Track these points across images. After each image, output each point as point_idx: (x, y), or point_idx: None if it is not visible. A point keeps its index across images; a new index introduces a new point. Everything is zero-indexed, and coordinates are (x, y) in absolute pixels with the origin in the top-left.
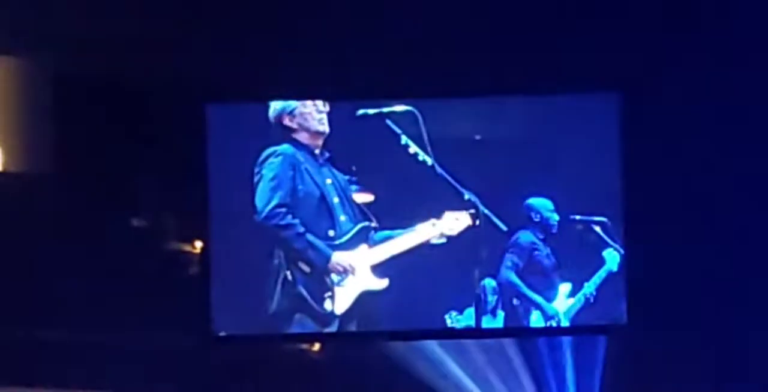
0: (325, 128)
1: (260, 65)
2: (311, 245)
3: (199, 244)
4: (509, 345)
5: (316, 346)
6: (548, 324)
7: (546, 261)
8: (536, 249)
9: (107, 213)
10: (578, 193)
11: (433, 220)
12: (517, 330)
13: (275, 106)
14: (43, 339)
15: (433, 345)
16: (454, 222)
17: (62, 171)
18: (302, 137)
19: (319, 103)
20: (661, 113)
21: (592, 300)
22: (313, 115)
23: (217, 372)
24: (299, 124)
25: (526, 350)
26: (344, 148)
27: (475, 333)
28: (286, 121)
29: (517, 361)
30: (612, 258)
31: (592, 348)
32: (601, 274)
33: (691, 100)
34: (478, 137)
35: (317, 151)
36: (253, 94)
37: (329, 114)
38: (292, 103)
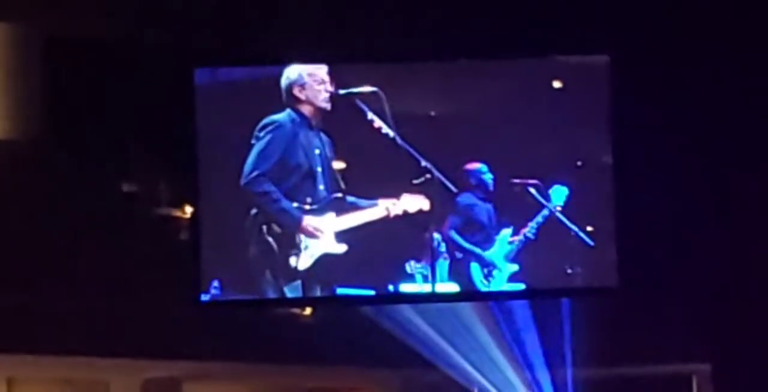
0: (327, 106)
1: (249, 29)
2: (283, 210)
3: (188, 209)
4: (484, 306)
5: (301, 310)
6: (484, 271)
7: (483, 218)
8: (473, 208)
9: (97, 177)
10: (535, 157)
11: (393, 200)
12: (504, 293)
13: (288, 76)
14: (31, 304)
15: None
16: (411, 203)
17: (51, 136)
18: (305, 109)
19: (328, 83)
20: (650, 76)
21: (533, 237)
22: (321, 92)
23: (204, 335)
24: (307, 97)
25: (504, 312)
26: (322, 125)
27: (448, 297)
28: (296, 91)
29: (496, 322)
30: (559, 194)
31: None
32: (538, 219)
33: (681, 63)
34: (432, 113)
35: (314, 122)
36: (241, 59)
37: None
38: (305, 77)
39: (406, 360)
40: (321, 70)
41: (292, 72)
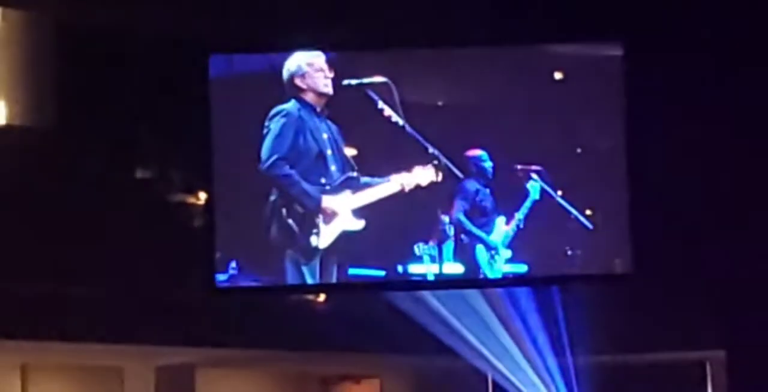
0: (329, 90)
1: (264, 17)
2: (304, 192)
3: (202, 195)
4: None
5: (314, 296)
6: (491, 253)
7: (486, 203)
8: (478, 193)
9: (110, 164)
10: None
11: (404, 173)
12: (514, 279)
13: (288, 68)
14: (46, 292)
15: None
16: (423, 175)
17: (66, 123)
18: (309, 97)
19: (327, 70)
20: (664, 62)
21: (521, 226)
22: (321, 79)
23: (219, 321)
24: (308, 85)
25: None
26: (333, 112)
27: (458, 283)
28: (297, 81)
29: (507, 308)
30: (534, 189)
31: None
32: (527, 205)
33: (694, 48)
34: (440, 102)
35: (319, 109)
36: (253, 46)
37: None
38: (304, 67)
39: (422, 346)
40: (319, 59)
41: (291, 64)
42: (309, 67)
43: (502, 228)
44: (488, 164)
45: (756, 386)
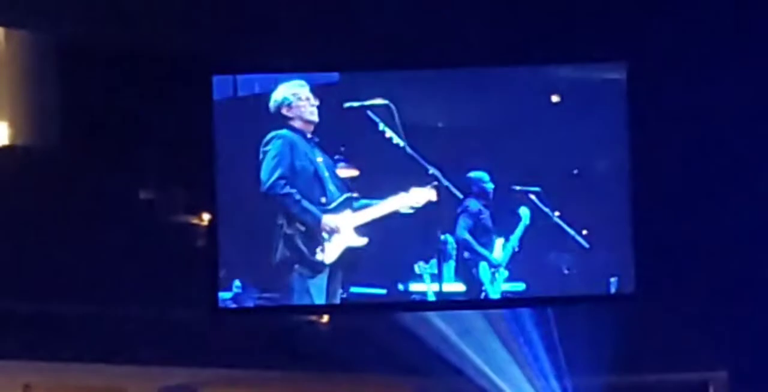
0: (315, 118)
1: (267, 37)
2: (305, 210)
3: (206, 216)
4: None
5: (317, 318)
6: (492, 272)
7: (488, 223)
8: (481, 213)
9: (113, 184)
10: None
11: (403, 193)
12: (515, 300)
13: (275, 98)
14: (48, 311)
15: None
16: (421, 195)
17: (68, 143)
18: (297, 124)
19: (312, 98)
20: (668, 82)
21: (517, 249)
22: (306, 107)
23: (221, 344)
24: (295, 114)
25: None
26: (334, 132)
27: (460, 305)
28: (284, 111)
29: (509, 329)
30: (525, 215)
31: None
32: (520, 229)
33: (699, 68)
34: (440, 124)
35: (309, 135)
36: (259, 66)
37: (320, 106)
38: (289, 98)
39: (423, 367)
40: (303, 89)
41: (277, 95)
42: (294, 97)
43: (500, 249)
44: (489, 186)
45: None
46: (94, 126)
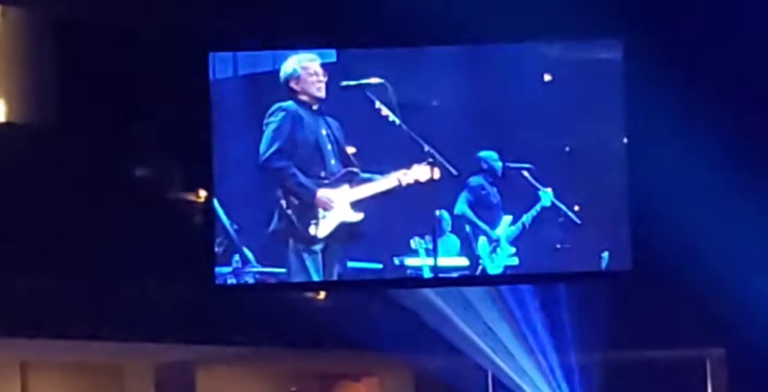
0: (322, 94)
1: (265, 16)
2: (299, 184)
3: (203, 193)
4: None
5: (315, 294)
6: (492, 246)
7: (492, 199)
8: (484, 189)
9: (109, 161)
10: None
11: (404, 170)
12: (510, 277)
13: (285, 70)
14: (45, 288)
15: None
16: (420, 172)
17: (65, 120)
18: (303, 98)
19: (321, 74)
20: (664, 60)
21: (527, 227)
22: (315, 83)
23: (218, 319)
24: (302, 88)
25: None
26: (332, 110)
27: (455, 281)
28: (292, 84)
29: (507, 305)
30: (546, 196)
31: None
32: (536, 208)
33: (694, 47)
34: (435, 103)
35: (315, 107)
36: (258, 44)
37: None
38: (298, 70)
39: (422, 343)
40: (314, 63)
41: (287, 66)
42: (303, 70)
43: (507, 226)
44: (498, 164)
45: (755, 383)
46: (91, 103)
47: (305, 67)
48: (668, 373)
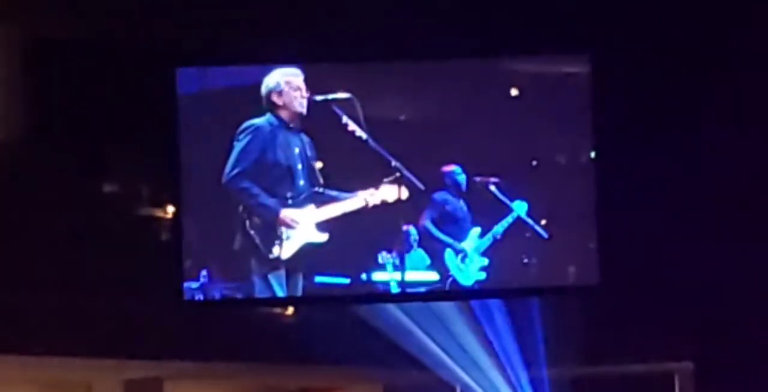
0: (303, 110)
1: (233, 29)
2: (261, 204)
3: (170, 208)
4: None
5: (283, 310)
6: (458, 257)
7: (459, 213)
8: (447, 203)
9: (78, 178)
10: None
11: (371, 190)
12: (483, 291)
13: (267, 84)
14: (12, 304)
15: (392, 307)
16: (387, 193)
17: (32, 137)
18: (283, 114)
19: (303, 90)
20: (632, 74)
21: (499, 237)
22: (297, 98)
23: (187, 336)
24: (284, 103)
25: (484, 309)
26: (301, 127)
27: (425, 296)
28: (274, 98)
29: (476, 320)
30: (520, 207)
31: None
32: (508, 220)
33: (662, 61)
34: (402, 117)
35: (292, 125)
36: (224, 58)
37: None
38: (282, 84)
39: (390, 358)
40: (298, 78)
41: (270, 80)
42: (287, 85)
43: (476, 238)
44: (461, 177)
45: None
46: (59, 119)
47: (288, 81)
48: (637, 387)
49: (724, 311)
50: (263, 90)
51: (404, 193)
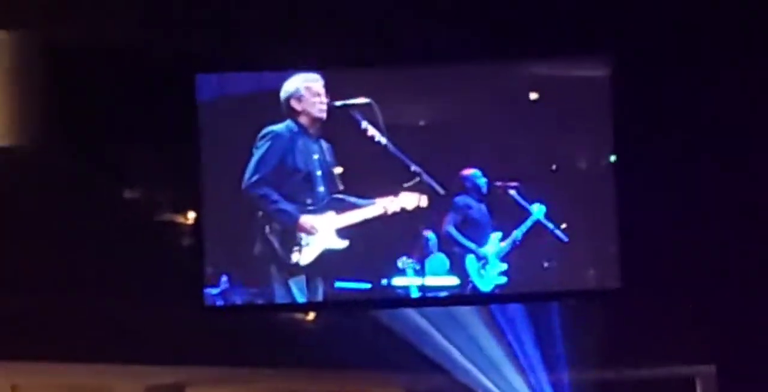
0: (323, 116)
1: (252, 35)
2: (281, 211)
3: (191, 214)
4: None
5: (304, 315)
6: (480, 263)
7: (480, 217)
8: (470, 207)
9: (99, 184)
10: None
11: (391, 197)
12: (514, 295)
13: (286, 89)
14: (34, 310)
15: (412, 312)
16: (407, 200)
17: (53, 143)
18: (303, 119)
19: (323, 95)
20: (652, 76)
21: (518, 243)
22: (317, 104)
23: (208, 342)
24: (303, 108)
25: (504, 312)
26: (321, 133)
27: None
28: (293, 103)
29: (497, 323)
30: (539, 210)
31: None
32: (527, 224)
33: (683, 63)
34: (421, 122)
35: (311, 131)
36: (244, 64)
37: None
38: (301, 90)
39: (411, 363)
40: (317, 84)
41: (290, 85)
42: (306, 90)
43: (497, 243)
44: (482, 181)
45: None
46: (78, 125)
47: (308, 87)
48: (658, 391)
49: (747, 314)
50: (282, 96)
51: (423, 201)
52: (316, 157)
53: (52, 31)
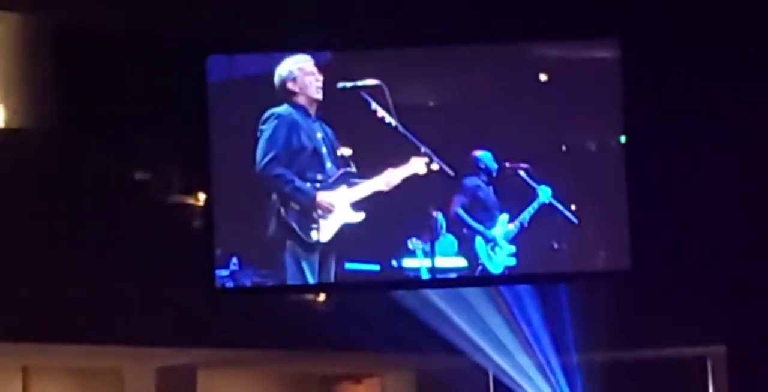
0: (320, 95)
1: (260, 18)
2: (298, 189)
3: (201, 196)
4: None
5: (315, 296)
6: (489, 245)
7: (488, 199)
8: (479, 189)
9: (110, 166)
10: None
11: (402, 167)
12: (524, 276)
13: (280, 73)
14: (45, 293)
15: (423, 294)
16: (417, 166)
17: (65, 125)
18: (301, 100)
19: (316, 73)
20: (662, 58)
21: (526, 225)
22: (312, 82)
23: (219, 323)
24: (300, 89)
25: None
26: (328, 113)
27: (456, 282)
28: (289, 85)
29: (507, 305)
30: (544, 192)
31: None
32: (534, 206)
33: (692, 45)
34: (431, 103)
35: (311, 111)
36: (252, 46)
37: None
38: (295, 71)
39: (422, 344)
40: (308, 63)
41: (282, 69)
42: (300, 71)
43: (504, 225)
44: (493, 164)
45: (757, 381)
46: (89, 107)
47: (301, 67)
48: (669, 372)
49: (756, 294)
50: (276, 81)
51: (434, 166)
52: (319, 135)
53: (64, 14)
